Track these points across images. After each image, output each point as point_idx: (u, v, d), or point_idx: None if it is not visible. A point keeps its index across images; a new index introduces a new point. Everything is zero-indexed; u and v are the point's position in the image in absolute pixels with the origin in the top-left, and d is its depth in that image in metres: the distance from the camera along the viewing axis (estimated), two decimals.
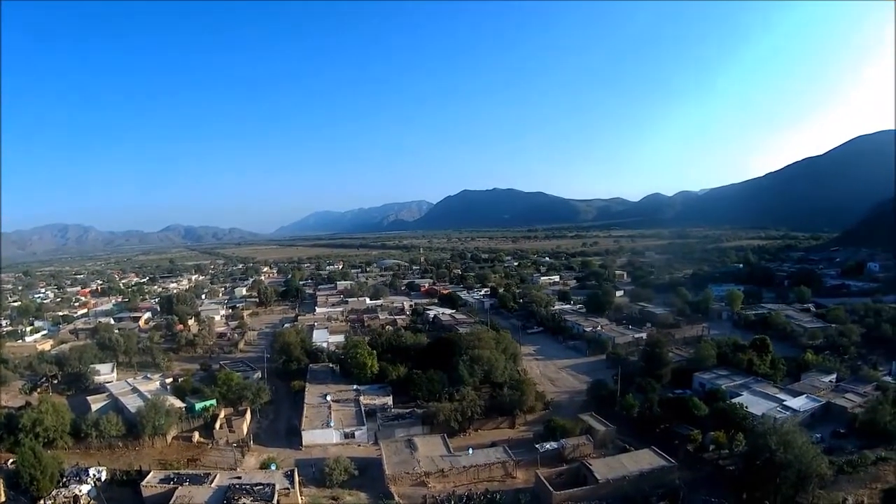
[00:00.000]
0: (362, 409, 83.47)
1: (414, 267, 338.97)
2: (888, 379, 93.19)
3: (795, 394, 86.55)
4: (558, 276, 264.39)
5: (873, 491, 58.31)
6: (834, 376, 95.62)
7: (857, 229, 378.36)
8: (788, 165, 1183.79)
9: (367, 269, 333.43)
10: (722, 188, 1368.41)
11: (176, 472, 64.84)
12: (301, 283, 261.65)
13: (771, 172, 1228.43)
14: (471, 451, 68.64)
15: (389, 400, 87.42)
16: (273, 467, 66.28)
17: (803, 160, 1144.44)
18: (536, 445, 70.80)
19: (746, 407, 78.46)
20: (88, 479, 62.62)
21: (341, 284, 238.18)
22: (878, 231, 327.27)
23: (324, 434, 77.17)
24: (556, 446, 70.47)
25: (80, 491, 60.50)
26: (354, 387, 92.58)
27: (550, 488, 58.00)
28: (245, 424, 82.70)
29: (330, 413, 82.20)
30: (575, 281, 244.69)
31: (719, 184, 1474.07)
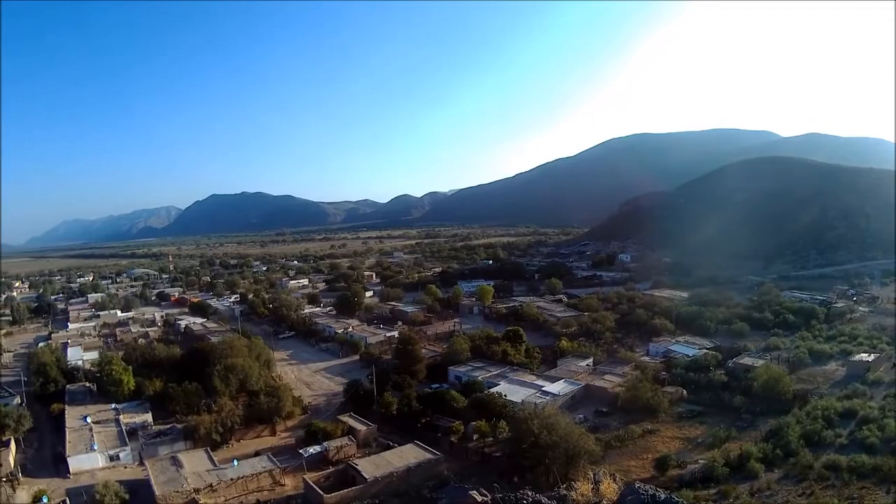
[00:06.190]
0: (123, 428, 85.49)
1: (164, 276, 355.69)
2: (646, 359, 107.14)
3: (553, 379, 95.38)
4: (307, 280, 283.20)
5: (645, 461, 66.16)
6: (590, 360, 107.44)
7: (606, 224, 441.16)
8: (539, 166, 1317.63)
9: (118, 280, 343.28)
10: (471, 188, 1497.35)
11: None
12: (53, 297, 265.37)
13: (521, 173, 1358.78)
14: (236, 462, 72.02)
15: (149, 417, 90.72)
16: (45, 500, 66.06)
17: (554, 161, 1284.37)
18: (300, 451, 75.38)
19: (505, 395, 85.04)
20: None
21: (92, 297, 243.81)
22: (627, 225, 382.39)
23: (89, 458, 77.97)
24: (319, 449, 74.87)
25: None
26: (113, 405, 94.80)
27: (320, 492, 61.66)
28: (11, 456, 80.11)
29: (92, 435, 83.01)
30: (324, 283, 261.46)
31: (469, 185, 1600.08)
